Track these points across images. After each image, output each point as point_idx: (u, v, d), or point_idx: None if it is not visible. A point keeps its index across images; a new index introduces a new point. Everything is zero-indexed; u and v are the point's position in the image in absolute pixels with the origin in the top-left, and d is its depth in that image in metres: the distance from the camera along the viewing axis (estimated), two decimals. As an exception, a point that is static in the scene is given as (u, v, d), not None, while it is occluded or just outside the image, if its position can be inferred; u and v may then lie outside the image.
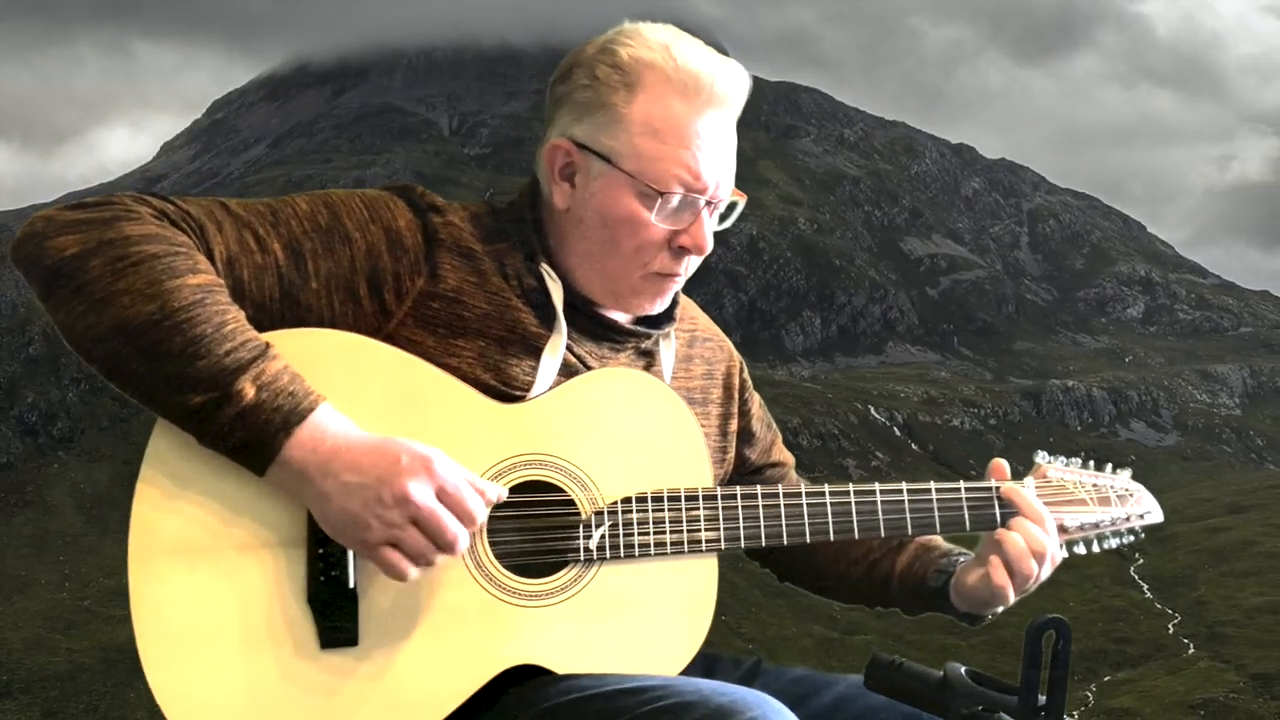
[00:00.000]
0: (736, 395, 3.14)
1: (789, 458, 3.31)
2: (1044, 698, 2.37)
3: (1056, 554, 2.93)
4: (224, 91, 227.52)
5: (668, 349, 2.97)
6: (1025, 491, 2.95)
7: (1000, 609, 2.97)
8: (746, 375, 3.18)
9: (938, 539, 3.10)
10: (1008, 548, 2.87)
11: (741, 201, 2.87)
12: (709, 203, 2.78)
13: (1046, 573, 2.93)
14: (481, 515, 2.52)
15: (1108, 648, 78.74)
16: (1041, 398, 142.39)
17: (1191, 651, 79.75)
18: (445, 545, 2.48)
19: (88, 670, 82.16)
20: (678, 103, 2.73)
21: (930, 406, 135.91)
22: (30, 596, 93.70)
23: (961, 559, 3.00)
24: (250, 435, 2.44)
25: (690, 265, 2.85)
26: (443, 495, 2.48)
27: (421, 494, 2.46)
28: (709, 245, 2.80)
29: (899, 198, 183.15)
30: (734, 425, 3.12)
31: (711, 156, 2.76)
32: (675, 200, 2.74)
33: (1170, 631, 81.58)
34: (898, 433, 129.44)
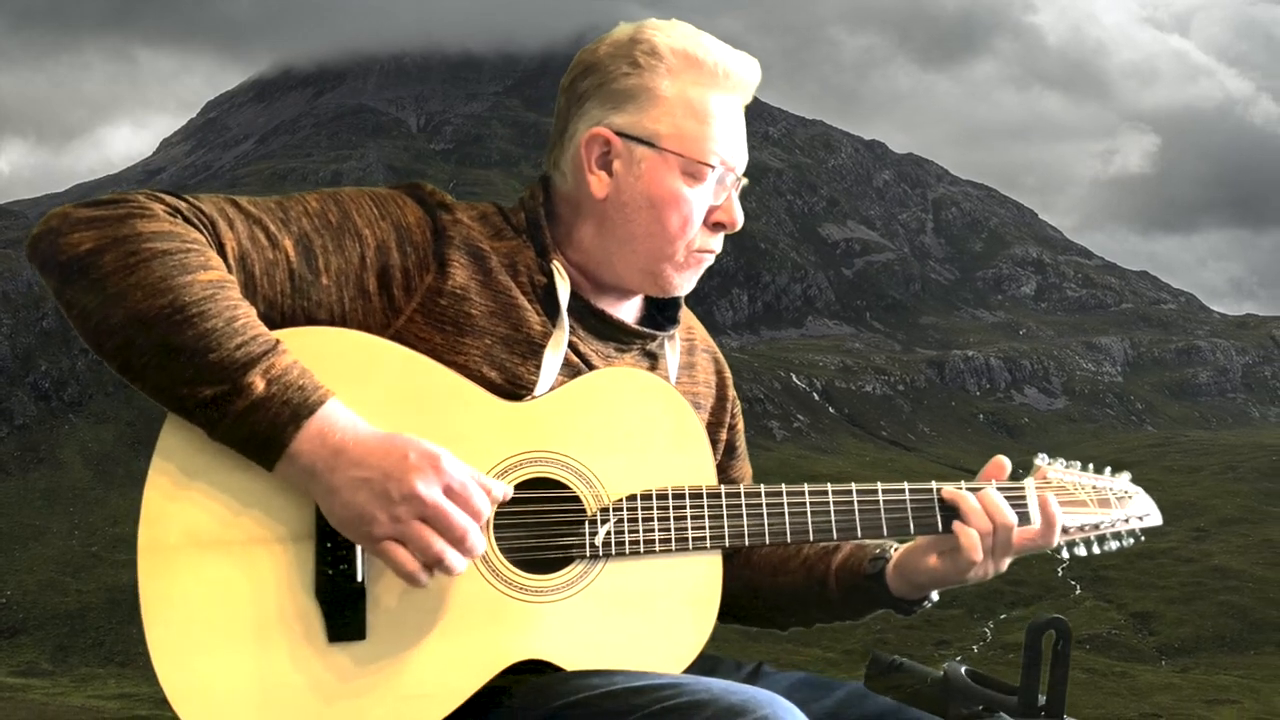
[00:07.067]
0: (729, 407, 2.92)
1: (749, 471, 3.04)
2: (1044, 697, 2.30)
3: (1012, 546, 2.69)
4: (217, 93, 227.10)
5: (672, 352, 2.75)
6: (967, 495, 2.66)
7: (936, 595, 2.74)
8: (734, 391, 2.96)
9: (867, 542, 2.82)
10: (960, 540, 2.63)
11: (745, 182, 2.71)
12: (736, 180, 2.64)
13: (1004, 565, 2.73)
14: (488, 512, 2.31)
15: (1004, 589, 79.27)
16: (945, 366, 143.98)
17: (1078, 592, 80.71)
18: (454, 541, 2.26)
19: (95, 609, 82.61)
20: (711, 87, 2.60)
21: (846, 374, 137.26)
22: (43, 544, 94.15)
23: (895, 547, 2.75)
24: (259, 429, 2.23)
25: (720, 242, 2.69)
26: (449, 492, 2.26)
27: (429, 490, 2.24)
28: (740, 220, 2.65)
29: (818, 188, 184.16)
30: (723, 436, 2.90)
31: (738, 137, 2.64)
32: (716, 176, 2.59)
33: (1059, 574, 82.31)
34: (816, 397, 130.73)
